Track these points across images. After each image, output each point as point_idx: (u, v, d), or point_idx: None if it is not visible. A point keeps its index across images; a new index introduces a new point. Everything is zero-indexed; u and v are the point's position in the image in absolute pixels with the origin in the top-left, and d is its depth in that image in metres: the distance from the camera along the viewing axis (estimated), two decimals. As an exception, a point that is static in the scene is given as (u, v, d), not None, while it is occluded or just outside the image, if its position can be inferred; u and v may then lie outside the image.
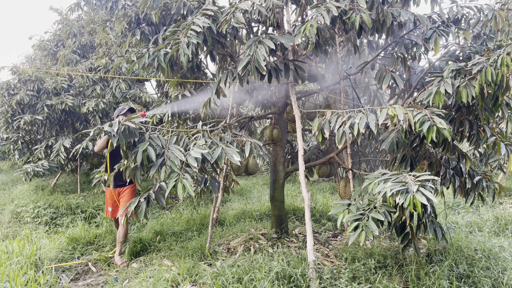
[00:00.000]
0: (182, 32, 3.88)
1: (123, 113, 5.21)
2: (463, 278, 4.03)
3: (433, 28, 4.10)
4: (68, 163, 10.04)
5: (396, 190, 3.13)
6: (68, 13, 9.59)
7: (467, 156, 4.35)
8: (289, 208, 7.23)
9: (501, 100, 3.91)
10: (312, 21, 3.65)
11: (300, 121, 4.38)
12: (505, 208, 7.64)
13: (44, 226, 6.98)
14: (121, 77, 8.72)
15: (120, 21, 4.82)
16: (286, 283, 3.76)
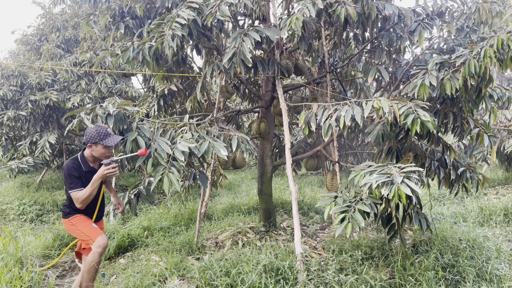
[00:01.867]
0: (167, 25, 3.84)
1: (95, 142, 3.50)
2: (448, 268, 4.09)
3: (417, 21, 4.13)
4: (53, 159, 9.92)
5: (382, 182, 3.16)
6: (51, 7, 9.44)
7: (451, 147, 4.41)
8: (277, 201, 7.25)
9: (484, 92, 3.96)
10: (297, 14, 3.65)
11: (287, 115, 4.38)
12: (489, 199, 7.78)
13: (30, 223, 6.90)
14: (106, 71, 8.61)
15: (103, 14, 4.75)
16: (274, 275, 3.78)
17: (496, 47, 3.38)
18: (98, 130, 3.44)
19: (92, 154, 3.60)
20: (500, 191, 8.52)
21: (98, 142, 3.46)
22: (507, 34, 3.41)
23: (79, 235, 3.64)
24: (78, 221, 3.66)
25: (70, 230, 3.71)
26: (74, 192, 3.45)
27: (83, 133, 4.34)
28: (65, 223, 3.72)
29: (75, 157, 3.61)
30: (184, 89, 5.88)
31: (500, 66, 3.53)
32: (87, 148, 3.57)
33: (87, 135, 3.48)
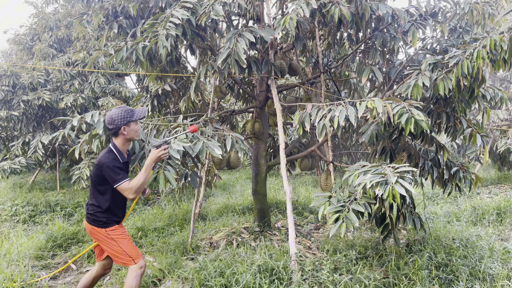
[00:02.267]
0: (161, 25, 3.83)
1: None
2: (441, 267, 4.11)
3: (411, 22, 4.15)
4: (46, 159, 9.85)
5: (376, 182, 3.17)
6: (44, 6, 9.36)
7: (444, 147, 4.43)
8: (271, 201, 7.25)
9: (477, 92, 3.98)
10: (291, 14, 3.65)
11: (281, 115, 4.38)
12: (482, 198, 7.84)
13: (23, 224, 6.84)
14: (99, 71, 8.56)
15: (97, 14, 4.72)
16: (268, 275, 3.78)
17: (489, 48, 3.41)
18: (123, 109, 3.26)
19: (124, 139, 3.29)
20: (492, 190, 8.59)
21: (130, 120, 3.25)
22: (499, 35, 3.43)
23: (117, 252, 3.27)
24: (120, 237, 3.29)
25: (104, 242, 3.30)
26: (124, 183, 3.13)
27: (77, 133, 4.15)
28: (99, 233, 3.29)
29: (109, 150, 3.26)
30: (178, 89, 5.86)
31: (493, 67, 3.56)
32: (119, 135, 3.26)
33: (115, 120, 3.20)
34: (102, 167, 3.15)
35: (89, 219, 3.33)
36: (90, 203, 3.34)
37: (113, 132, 3.26)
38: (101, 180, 3.23)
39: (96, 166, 3.21)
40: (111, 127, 3.23)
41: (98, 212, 3.28)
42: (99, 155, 3.28)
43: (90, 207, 3.33)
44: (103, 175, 3.19)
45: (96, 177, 3.24)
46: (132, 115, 3.27)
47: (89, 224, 3.33)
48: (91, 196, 3.33)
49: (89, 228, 3.34)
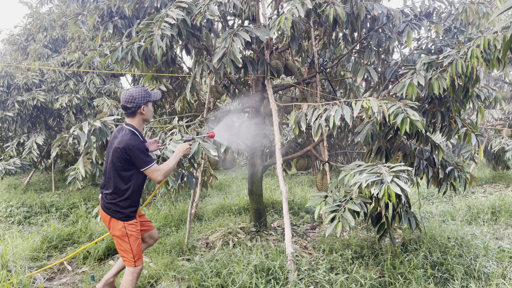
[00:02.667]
0: (156, 25, 3.82)
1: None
2: (437, 266, 4.13)
3: (405, 22, 4.17)
4: (41, 160, 9.79)
5: (371, 181, 3.18)
6: (38, 6, 9.32)
7: (439, 147, 4.45)
8: (268, 201, 7.25)
9: (471, 91, 4.00)
10: (287, 14, 3.65)
11: (277, 115, 4.39)
12: (477, 197, 7.88)
13: (18, 226, 6.80)
14: (94, 71, 8.53)
15: (92, 14, 4.70)
16: (265, 275, 3.78)
17: (483, 47, 3.43)
18: (142, 89, 3.22)
19: (141, 120, 3.25)
20: (487, 189, 8.64)
21: (149, 99, 3.24)
22: (493, 34, 3.45)
23: (124, 250, 3.25)
24: (134, 234, 3.25)
25: (116, 236, 3.24)
26: (153, 166, 3.12)
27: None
28: (116, 226, 3.21)
29: (132, 132, 3.16)
30: (173, 89, 5.85)
31: (487, 66, 3.58)
32: (136, 115, 3.21)
33: (136, 98, 3.14)
34: (132, 149, 3.04)
35: (109, 210, 3.21)
36: (109, 191, 3.19)
37: (132, 112, 3.19)
38: (126, 165, 3.13)
39: (122, 149, 3.06)
40: (130, 106, 3.15)
41: (120, 201, 3.18)
42: (119, 138, 3.13)
43: (109, 196, 3.19)
44: (129, 159, 3.09)
45: (121, 162, 3.10)
46: (150, 95, 3.25)
47: (107, 215, 3.23)
48: (110, 184, 3.19)
49: (106, 219, 3.26)
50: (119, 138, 3.14)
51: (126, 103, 3.16)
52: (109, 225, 3.27)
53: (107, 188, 3.23)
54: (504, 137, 9.01)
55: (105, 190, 3.25)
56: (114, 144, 3.14)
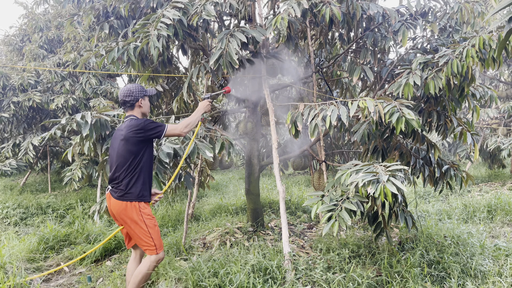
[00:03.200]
0: (152, 25, 3.82)
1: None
2: (433, 264, 4.15)
3: (401, 21, 4.18)
4: (37, 161, 9.76)
5: (368, 180, 3.19)
6: (34, 7, 9.30)
7: (435, 146, 4.47)
8: (265, 201, 7.26)
9: (467, 91, 4.02)
10: (283, 13, 3.66)
11: (273, 115, 4.39)
12: (473, 196, 7.91)
13: (14, 227, 6.78)
14: (90, 71, 8.50)
15: (87, 14, 4.69)
16: (262, 275, 3.78)
17: (478, 46, 3.45)
18: (136, 85, 3.48)
19: (140, 113, 3.48)
20: (483, 188, 8.68)
21: (145, 94, 3.50)
22: (488, 34, 3.47)
23: (143, 235, 3.29)
24: (150, 222, 3.33)
25: (133, 222, 3.27)
26: (169, 126, 3.37)
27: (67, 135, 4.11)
28: (131, 212, 3.26)
29: (134, 118, 3.39)
30: (170, 90, 5.85)
31: (482, 66, 3.60)
32: (135, 108, 3.44)
33: (133, 92, 3.40)
34: (145, 125, 3.26)
35: (121, 197, 3.27)
36: (120, 180, 3.28)
37: (130, 104, 3.41)
38: (139, 149, 3.29)
39: (135, 131, 3.24)
40: (128, 99, 3.39)
41: (132, 187, 3.28)
42: (126, 127, 3.30)
43: (121, 185, 3.28)
44: (143, 137, 3.27)
45: (134, 146, 3.26)
46: (146, 90, 3.51)
47: (120, 201, 3.27)
48: (123, 174, 3.28)
49: (119, 207, 3.28)
50: (126, 127, 3.31)
51: (125, 97, 3.39)
52: (122, 214, 3.30)
53: (120, 178, 3.31)
54: (500, 135, 9.05)
55: (118, 179, 3.32)
56: (123, 134, 3.30)
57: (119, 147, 3.32)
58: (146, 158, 3.37)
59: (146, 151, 3.37)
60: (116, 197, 3.31)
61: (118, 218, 3.37)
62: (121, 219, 3.35)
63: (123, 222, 3.35)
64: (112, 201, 3.33)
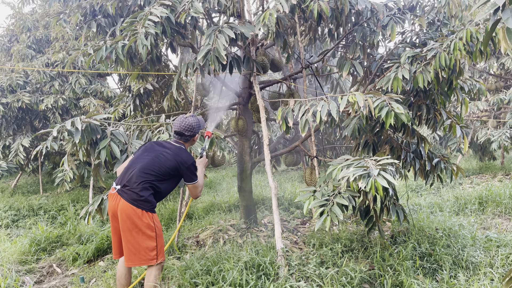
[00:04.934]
0: (140, 23, 3.79)
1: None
2: (425, 257, 4.18)
3: (389, 16, 4.19)
4: (28, 163, 9.67)
5: (358, 175, 3.20)
6: (20, 6, 9.18)
7: (425, 139, 4.49)
8: (258, 198, 7.26)
9: (455, 84, 4.05)
10: (271, 9, 3.65)
11: (264, 111, 4.38)
12: (464, 188, 7.99)
13: (6, 229, 6.72)
14: (80, 71, 8.43)
15: (74, 13, 4.64)
16: (255, 271, 3.78)
17: (465, 39, 3.46)
18: (198, 118, 3.60)
19: (189, 145, 3.65)
20: (474, 180, 8.76)
21: (201, 128, 3.63)
22: (475, 26, 3.49)
23: (146, 247, 3.19)
24: (160, 228, 3.31)
25: (139, 230, 3.16)
26: (198, 182, 3.50)
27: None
28: (142, 218, 3.17)
29: (185, 149, 3.51)
30: (160, 88, 5.82)
31: (470, 58, 3.61)
32: (191, 139, 3.58)
33: (194, 128, 3.51)
34: (185, 165, 3.36)
35: (135, 202, 3.17)
36: (144, 186, 3.21)
37: (186, 139, 3.56)
38: (173, 174, 3.37)
39: (178, 162, 3.34)
40: (188, 133, 3.51)
41: (151, 195, 3.27)
42: (175, 151, 3.39)
43: (142, 191, 3.20)
44: (178, 170, 3.36)
45: (170, 169, 3.33)
46: (201, 125, 3.64)
47: (132, 207, 3.16)
48: (147, 180, 3.24)
49: (130, 211, 3.16)
50: (175, 154, 3.38)
51: (184, 131, 3.50)
52: (131, 219, 3.17)
53: (142, 182, 3.23)
54: (490, 128, 9.13)
55: (140, 185, 3.21)
56: (169, 154, 3.37)
57: (155, 158, 3.33)
58: (168, 184, 3.43)
59: (172, 180, 3.44)
60: (129, 200, 3.18)
61: (125, 223, 3.18)
62: (129, 225, 3.18)
63: (128, 228, 3.18)
64: (122, 203, 3.19)
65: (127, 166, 3.39)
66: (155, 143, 3.55)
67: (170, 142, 3.55)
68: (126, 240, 3.20)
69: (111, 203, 3.30)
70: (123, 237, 3.22)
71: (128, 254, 3.21)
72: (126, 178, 3.27)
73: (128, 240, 3.19)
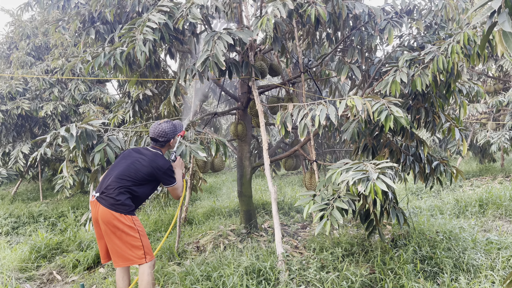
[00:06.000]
0: (138, 29, 3.80)
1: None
2: (426, 260, 4.17)
3: (387, 20, 4.20)
4: (28, 170, 9.67)
5: (358, 179, 3.20)
6: (19, 14, 9.21)
7: (424, 142, 4.50)
8: (258, 202, 7.25)
9: (453, 87, 4.06)
10: (269, 15, 3.66)
11: (263, 116, 4.39)
12: (464, 191, 7.98)
13: (6, 237, 6.71)
14: (79, 78, 8.45)
15: (73, 20, 4.66)
16: (256, 277, 3.78)
17: (463, 42, 3.47)
18: (173, 123, 3.69)
19: (166, 149, 3.72)
20: (474, 182, 8.75)
21: (176, 133, 3.72)
22: (472, 30, 3.50)
23: (132, 247, 3.26)
24: (142, 229, 3.38)
25: (121, 233, 3.23)
26: (175, 185, 3.58)
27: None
28: (121, 221, 3.23)
29: (162, 155, 3.59)
30: (159, 94, 5.82)
31: (468, 61, 3.62)
32: (167, 144, 3.66)
33: (167, 134, 3.59)
34: (162, 170, 3.44)
35: (113, 206, 3.24)
36: (120, 191, 3.28)
37: (161, 144, 3.64)
38: (149, 179, 3.45)
39: (154, 168, 3.42)
40: (161, 139, 3.59)
41: (128, 199, 3.33)
42: (151, 157, 3.48)
43: (118, 195, 3.26)
44: (155, 175, 3.45)
45: (146, 175, 3.41)
46: (177, 129, 3.73)
47: (110, 211, 3.23)
48: (120, 189, 3.29)
49: (109, 216, 3.23)
50: (151, 160, 3.46)
51: (158, 137, 3.58)
52: (110, 224, 3.24)
53: (119, 187, 3.30)
54: (489, 130, 9.13)
55: (116, 189, 3.29)
56: (146, 160, 3.45)
57: (131, 165, 3.40)
58: (146, 189, 3.49)
59: (149, 184, 3.50)
60: (107, 206, 3.25)
61: (107, 227, 3.25)
62: (110, 229, 3.25)
63: (111, 232, 3.25)
64: (101, 209, 3.26)
65: (106, 173, 3.51)
66: (132, 149, 3.62)
67: (148, 148, 3.63)
68: (110, 243, 3.30)
69: (92, 210, 3.39)
70: (107, 241, 3.31)
71: (114, 256, 3.31)
72: (104, 185, 3.36)
73: (113, 242, 3.28)
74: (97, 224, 3.37)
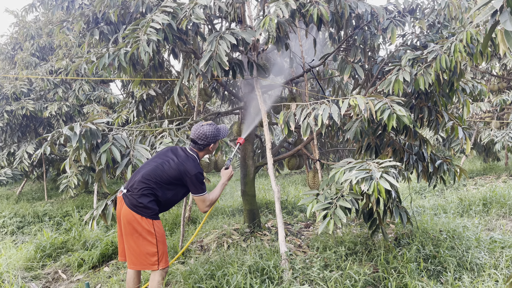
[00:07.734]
0: (142, 30, 3.83)
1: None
2: (429, 259, 4.18)
3: (389, 19, 4.21)
4: (33, 170, 9.73)
5: (361, 178, 3.21)
6: (24, 15, 9.27)
7: (428, 141, 4.50)
8: (261, 202, 7.27)
9: (457, 85, 4.06)
10: (271, 15, 3.68)
11: (266, 115, 4.41)
12: (468, 190, 7.96)
13: (11, 236, 6.76)
14: (83, 78, 8.50)
15: (77, 21, 4.69)
16: (259, 275, 3.79)
17: (466, 41, 3.47)
18: (217, 127, 3.49)
19: (204, 154, 3.54)
20: (478, 181, 8.73)
21: (218, 138, 3.49)
22: (475, 28, 3.50)
23: (147, 252, 3.18)
24: (162, 235, 3.26)
25: (140, 236, 3.15)
26: (205, 195, 3.35)
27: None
28: (142, 224, 3.15)
29: (195, 159, 3.40)
30: (163, 94, 5.86)
31: (471, 60, 3.62)
32: (206, 148, 3.47)
33: (208, 137, 3.39)
34: (189, 176, 3.25)
35: (135, 208, 3.17)
36: (144, 193, 3.18)
37: (199, 148, 3.45)
38: (176, 182, 3.29)
39: (181, 171, 3.25)
40: (201, 142, 3.40)
41: (151, 202, 3.21)
42: (182, 160, 3.30)
43: (141, 197, 3.18)
44: (182, 180, 3.27)
45: (172, 178, 3.26)
46: (220, 134, 3.51)
47: (132, 212, 3.16)
48: (147, 186, 3.21)
49: (130, 216, 3.17)
50: (183, 163, 3.29)
51: (198, 139, 3.39)
52: (131, 225, 3.19)
53: (143, 188, 3.21)
54: (493, 129, 9.11)
55: (141, 190, 3.21)
56: (176, 163, 3.28)
57: (159, 166, 3.28)
58: (173, 193, 3.35)
59: (177, 188, 3.35)
60: (130, 206, 3.20)
61: (126, 227, 3.22)
62: (129, 229, 3.21)
63: (129, 232, 3.21)
64: (124, 208, 3.22)
65: (137, 169, 3.40)
66: (170, 148, 3.48)
67: (185, 149, 3.47)
68: (127, 243, 3.25)
69: (117, 206, 3.35)
70: (125, 240, 3.26)
71: (129, 256, 3.26)
72: (130, 183, 3.30)
73: (129, 243, 3.23)
74: (119, 220, 3.31)
